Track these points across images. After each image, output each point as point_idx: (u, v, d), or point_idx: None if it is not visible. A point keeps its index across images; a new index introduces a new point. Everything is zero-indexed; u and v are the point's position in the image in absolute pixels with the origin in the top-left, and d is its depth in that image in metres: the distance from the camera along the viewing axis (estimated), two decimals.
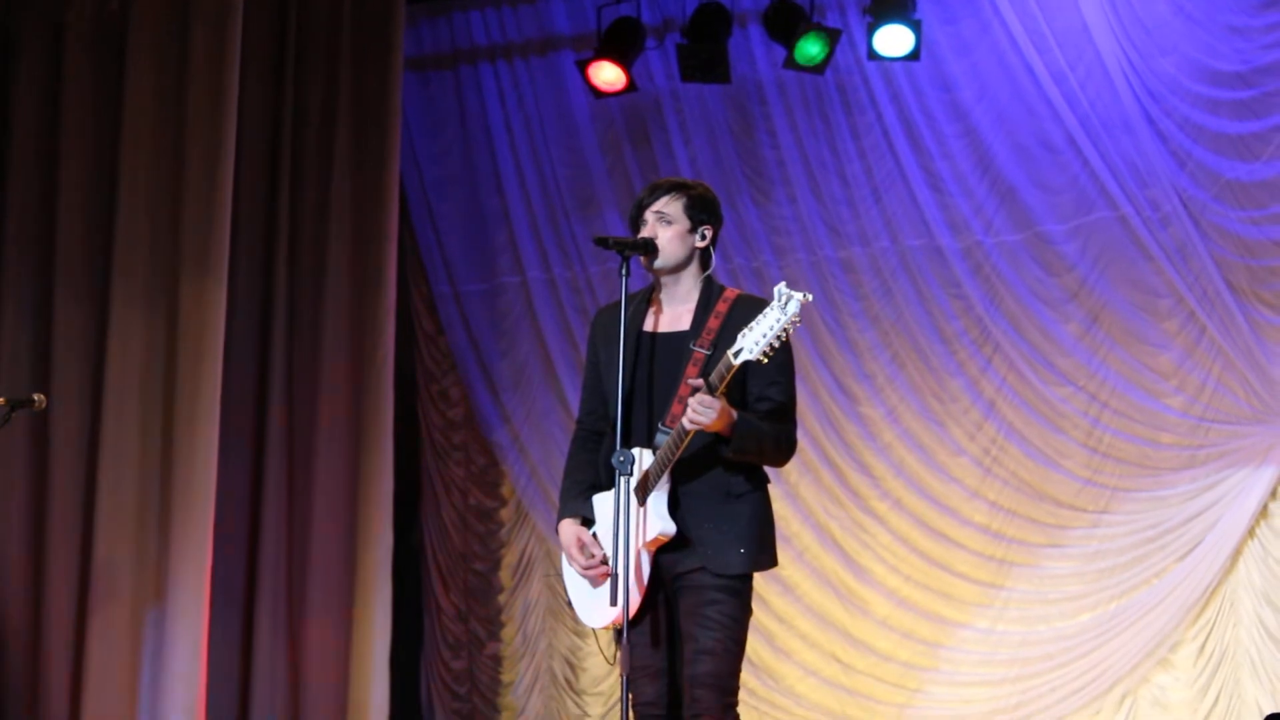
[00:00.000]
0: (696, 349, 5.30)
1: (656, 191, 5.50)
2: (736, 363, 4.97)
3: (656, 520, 5.27)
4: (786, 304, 4.88)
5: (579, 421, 5.72)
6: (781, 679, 9.07)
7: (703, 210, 5.47)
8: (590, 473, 5.59)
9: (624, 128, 9.64)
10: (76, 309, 8.32)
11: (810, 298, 4.91)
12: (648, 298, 5.55)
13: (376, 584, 8.85)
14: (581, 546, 5.43)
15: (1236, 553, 8.25)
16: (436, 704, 9.80)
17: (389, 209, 9.18)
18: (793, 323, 4.89)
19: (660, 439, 5.24)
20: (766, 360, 4.96)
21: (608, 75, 9.14)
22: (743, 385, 5.28)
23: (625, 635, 5.22)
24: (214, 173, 8.44)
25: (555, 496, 9.48)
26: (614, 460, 5.21)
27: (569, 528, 5.51)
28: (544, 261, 9.82)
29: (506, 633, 9.78)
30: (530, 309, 9.87)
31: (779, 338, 4.91)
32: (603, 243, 5.49)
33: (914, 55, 8.68)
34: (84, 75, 8.52)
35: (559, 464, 9.49)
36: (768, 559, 5.41)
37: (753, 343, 4.93)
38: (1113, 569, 8.49)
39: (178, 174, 8.47)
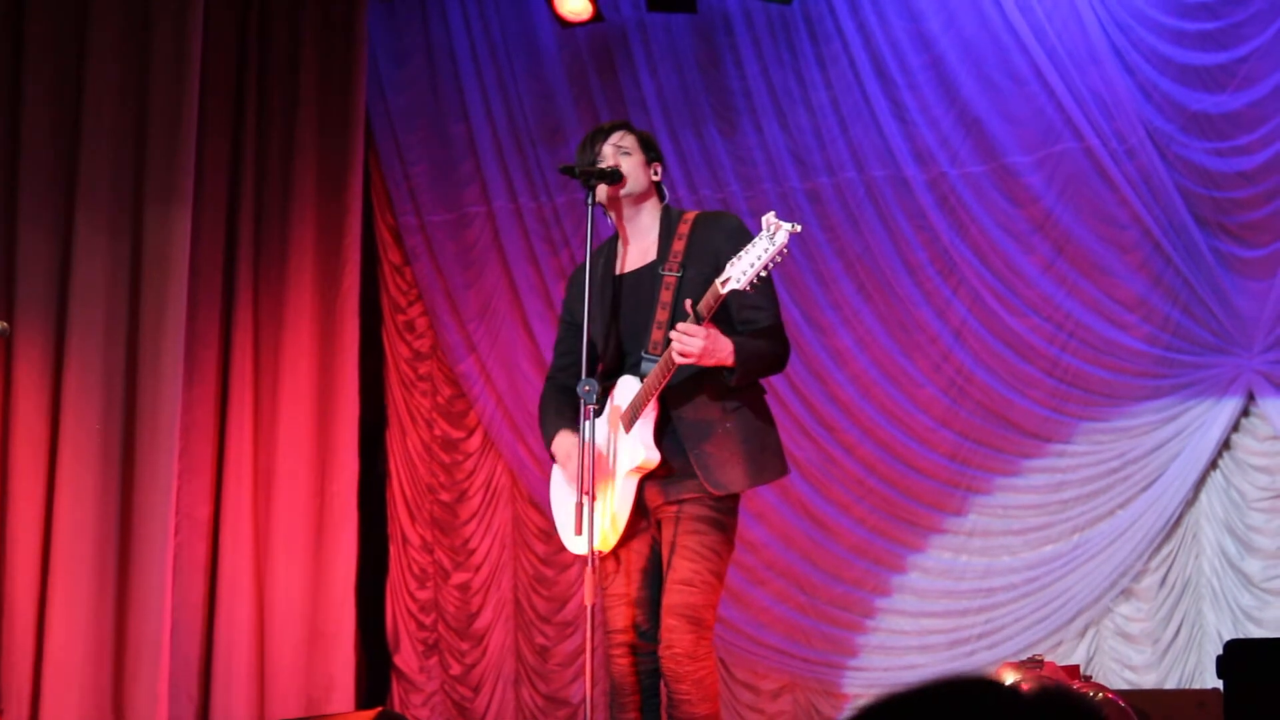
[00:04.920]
0: (666, 273, 5.32)
1: (604, 132, 5.58)
2: (724, 292, 4.98)
3: (641, 449, 5.28)
4: (775, 234, 4.88)
5: (550, 376, 5.75)
6: (746, 608, 9.10)
7: (651, 147, 5.60)
8: (570, 408, 5.58)
9: (590, 58, 9.58)
10: (41, 237, 8.26)
11: (799, 228, 4.93)
12: (613, 245, 5.59)
13: (342, 514, 8.85)
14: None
15: (1199, 484, 8.29)
16: (403, 634, 9.82)
17: (355, 138, 9.15)
18: (781, 253, 4.90)
19: (646, 367, 5.25)
20: (752, 289, 4.96)
21: (574, 5, 9.11)
22: (726, 311, 5.29)
23: (591, 564, 5.24)
24: (178, 101, 8.40)
25: (521, 426, 9.52)
26: (579, 389, 5.23)
27: (567, 438, 5.50)
28: (510, 191, 9.77)
29: (472, 562, 9.79)
30: (497, 239, 9.82)
31: (766, 268, 4.92)
32: (568, 171, 5.54)
33: None
34: (47, 3, 8.45)
35: (525, 394, 9.54)
36: (775, 469, 5.39)
37: (740, 272, 4.93)
38: (1076, 499, 8.52)
39: (142, 102, 8.42)
